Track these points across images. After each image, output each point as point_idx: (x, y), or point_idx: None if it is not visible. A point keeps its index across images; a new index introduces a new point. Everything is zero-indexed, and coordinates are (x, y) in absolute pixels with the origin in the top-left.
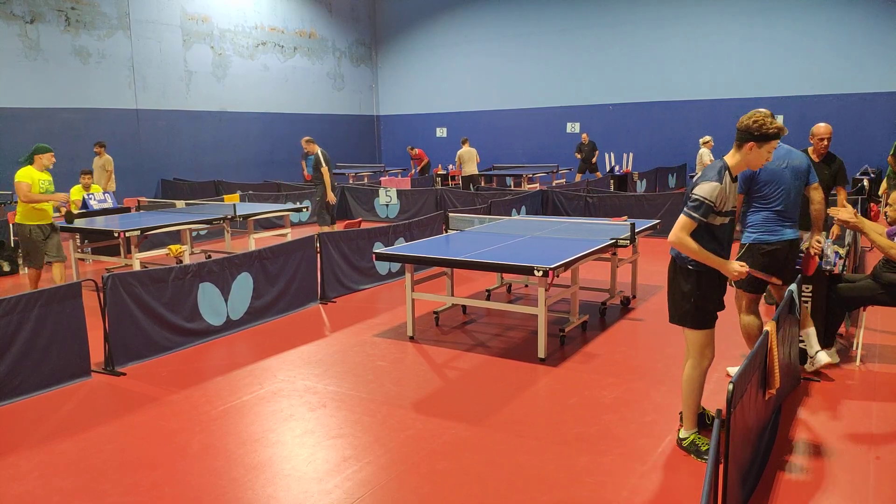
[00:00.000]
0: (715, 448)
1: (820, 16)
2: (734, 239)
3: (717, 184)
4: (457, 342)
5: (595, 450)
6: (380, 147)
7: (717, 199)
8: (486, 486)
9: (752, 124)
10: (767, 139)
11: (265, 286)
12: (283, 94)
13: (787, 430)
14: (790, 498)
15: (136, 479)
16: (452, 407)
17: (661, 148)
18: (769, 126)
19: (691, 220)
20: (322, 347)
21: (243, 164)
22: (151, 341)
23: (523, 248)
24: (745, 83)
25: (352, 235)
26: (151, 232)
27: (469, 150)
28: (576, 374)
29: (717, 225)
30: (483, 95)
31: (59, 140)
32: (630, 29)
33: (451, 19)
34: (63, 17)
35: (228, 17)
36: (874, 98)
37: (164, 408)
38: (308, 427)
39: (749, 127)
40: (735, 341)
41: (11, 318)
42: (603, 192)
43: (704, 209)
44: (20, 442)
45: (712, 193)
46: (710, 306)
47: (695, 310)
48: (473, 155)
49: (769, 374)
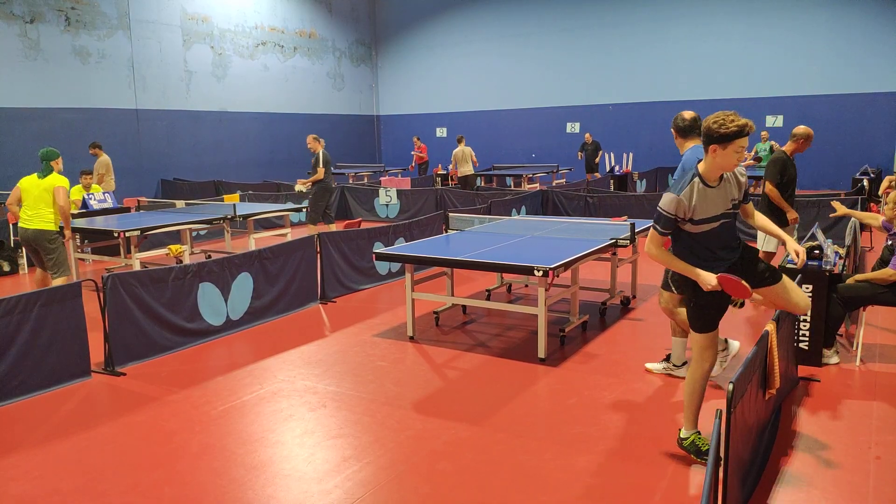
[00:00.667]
0: (715, 448)
1: (820, 16)
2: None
3: (675, 196)
4: (457, 342)
5: (595, 450)
6: (380, 147)
7: (676, 211)
8: (486, 486)
9: (711, 125)
10: (729, 139)
11: (265, 286)
12: (283, 94)
13: (787, 430)
14: (790, 498)
15: (136, 479)
16: (452, 407)
17: (661, 148)
18: (728, 125)
19: (656, 232)
20: (322, 347)
21: (243, 164)
22: (151, 341)
23: (523, 248)
24: (745, 83)
25: (352, 235)
26: (151, 232)
27: (464, 149)
28: (576, 374)
29: (697, 233)
30: (483, 95)
31: (59, 140)
32: (630, 29)
33: (450, 19)
34: (63, 17)
35: (228, 17)
36: (874, 98)
37: (164, 408)
38: (308, 427)
39: (709, 129)
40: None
41: (11, 318)
42: (603, 192)
43: (664, 221)
44: (20, 442)
45: (670, 205)
46: (710, 311)
47: (694, 313)
48: (469, 154)
49: (769, 374)
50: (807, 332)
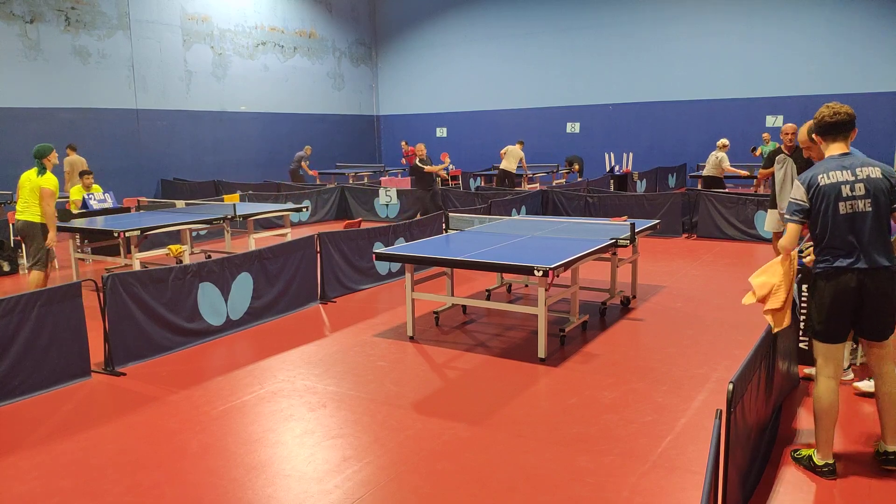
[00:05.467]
0: (715, 448)
1: (820, 16)
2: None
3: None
4: (457, 342)
5: (595, 450)
6: (380, 147)
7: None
8: (486, 486)
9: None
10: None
11: (265, 286)
12: (283, 94)
13: (787, 431)
14: (790, 498)
15: (136, 479)
16: (452, 407)
17: (661, 148)
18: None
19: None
20: (322, 347)
21: (243, 164)
22: (151, 341)
23: (523, 248)
24: (745, 83)
25: (352, 235)
26: (151, 232)
27: (517, 149)
28: (576, 374)
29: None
30: (483, 95)
31: (60, 140)
32: (630, 29)
33: (451, 19)
34: (63, 17)
35: (228, 17)
36: (874, 98)
37: (164, 408)
38: (308, 427)
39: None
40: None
41: (11, 318)
42: (603, 192)
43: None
44: (20, 442)
45: None
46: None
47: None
48: (513, 154)
49: (783, 307)
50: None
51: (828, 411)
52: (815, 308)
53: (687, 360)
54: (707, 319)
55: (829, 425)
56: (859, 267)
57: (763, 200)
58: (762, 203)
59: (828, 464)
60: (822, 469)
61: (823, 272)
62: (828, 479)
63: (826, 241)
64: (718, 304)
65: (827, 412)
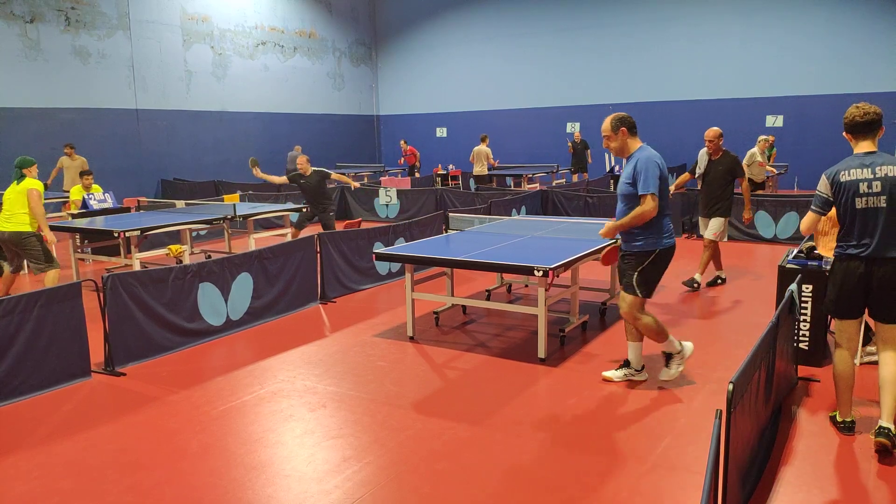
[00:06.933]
0: (715, 448)
1: (819, 16)
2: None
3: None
4: (457, 342)
5: (595, 450)
6: (380, 147)
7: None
8: (486, 486)
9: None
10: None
11: (265, 286)
12: (283, 93)
13: (786, 430)
14: (790, 498)
15: (136, 479)
16: (452, 407)
17: (660, 148)
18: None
19: None
20: (322, 347)
21: (243, 164)
22: (151, 341)
23: (523, 248)
24: (745, 83)
25: (352, 235)
26: (151, 232)
27: (481, 148)
28: (576, 374)
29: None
30: (483, 95)
31: (60, 140)
32: (629, 29)
33: (450, 19)
34: (63, 17)
35: (228, 17)
36: (874, 98)
37: (164, 408)
38: (308, 427)
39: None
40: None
41: (11, 319)
42: (603, 192)
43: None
44: (20, 442)
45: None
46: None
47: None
48: (483, 154)
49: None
50: (807, 332)
51: (843, 376)
52: (830, 286)
53: (687, 361)
54: (707, 319)
55: (844, 388)
56: (868, 256)
57: (763, 200)
58: (762, 203)
59: (845, 421)
60: (841, 425)
61: (838, 256)
62: (846, 434)
63: (845, 229)
64: (718, 304)
65: (842, 377)
